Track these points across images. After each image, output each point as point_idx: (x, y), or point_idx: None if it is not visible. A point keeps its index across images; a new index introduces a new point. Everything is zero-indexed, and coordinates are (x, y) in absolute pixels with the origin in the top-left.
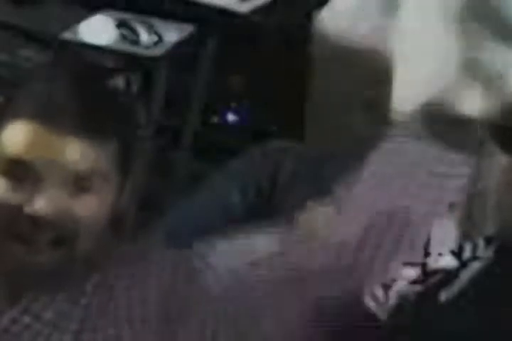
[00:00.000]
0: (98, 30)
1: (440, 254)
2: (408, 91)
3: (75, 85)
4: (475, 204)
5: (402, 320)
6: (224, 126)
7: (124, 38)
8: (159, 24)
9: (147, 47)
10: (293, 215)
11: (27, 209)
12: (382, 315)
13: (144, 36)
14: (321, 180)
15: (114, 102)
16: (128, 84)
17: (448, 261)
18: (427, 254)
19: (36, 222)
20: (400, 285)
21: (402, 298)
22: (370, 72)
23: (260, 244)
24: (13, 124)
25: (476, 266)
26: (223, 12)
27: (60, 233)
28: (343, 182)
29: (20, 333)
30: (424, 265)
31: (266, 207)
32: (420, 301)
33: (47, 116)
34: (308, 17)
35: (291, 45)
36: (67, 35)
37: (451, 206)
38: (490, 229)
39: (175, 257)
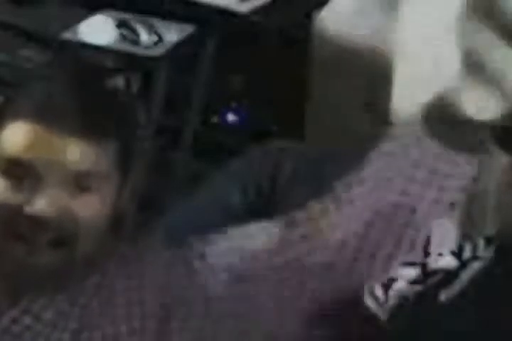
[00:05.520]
0: (98, 30)
1: (440, 254)
2: (408, 91)
3: (74, 85)
4: (475, 204)
5: (402, 320)
6: (224, 126)
7: (124, 38)
8: (159, 24)
9: (147, 47)
10: (293, 215)
11: (27, 209)
12: (382, 315)
13: (144, 36)
14: (321, 180)
15: (114, 102)
16: (128, 84)
17: (448, 261)
18: (427, 254)
19: (36, 222)
20: (400, 285)
21: (402, 298)
22: (369, 72)
23: (259, 241)
24: (13, 124)
25: (476, 266)
26: (223, 12)
27: (60, 233)
28: (344, 182)
29: (20, 333)
30: (424, 265)
31: (266, 207)
32: (420, 301)
33: (47, 116)
34: (308, 17)
35: (291, 45)
36: (67, 35)
37: (452, 206)
38: (490, 229)
39: (174, 257)
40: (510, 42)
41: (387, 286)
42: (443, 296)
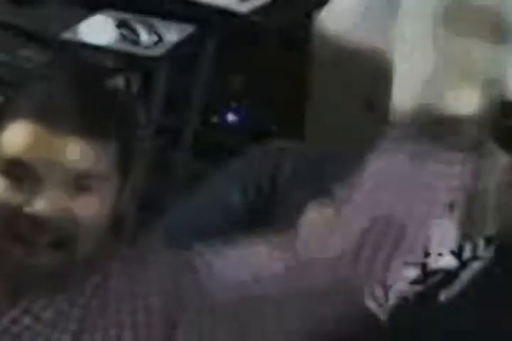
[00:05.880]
0: (98, 30)
1: (440, 254)
2: (407, 92)
3: (74, 85)
4: (475, 204)
5: (402, 320)
6: (224, 126)
7: (124, 38)
8: (159, 24)
9: (147, 47)
10: (293, 218)
11: (27, 210)
12: (382, 315)
13: (144, 36)
14: (321, 180)
15: (114, 102)
16: (128, 84)
17: (448, 261)
18: (427, 254)
19: (36, 222)
20: (400, 285)
21: (402, 298)
22: (369, 72)
23: (262, 255)
24: (13, 124)
25: (476, 266)
26: (223, 12)
27: (60, 234)
28: (344, 184)
29: (20, 333)
30: (424, 265)
31: (266, 207)
32: (420, 301)
33: (47, 116)
34: (308, 17)
35: (291, 45)
36: (67, 35)
37: (451, 206)
38: (490, 229)
39: (176, 257)
40: (502, 42)
41: (387, 286)
42: (443, 296)
